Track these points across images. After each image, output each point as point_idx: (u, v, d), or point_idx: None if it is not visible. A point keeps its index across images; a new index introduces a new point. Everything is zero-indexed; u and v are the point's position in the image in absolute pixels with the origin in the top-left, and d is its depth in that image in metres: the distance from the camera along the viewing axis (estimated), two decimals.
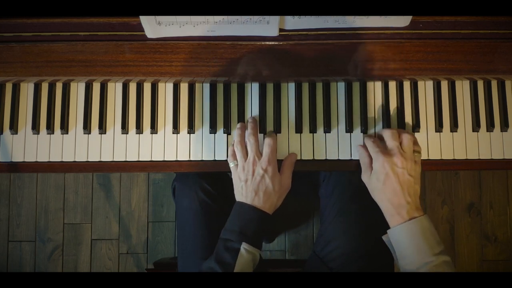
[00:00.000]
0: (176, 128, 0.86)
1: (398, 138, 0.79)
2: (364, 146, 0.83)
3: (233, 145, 0.83)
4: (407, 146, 0.78)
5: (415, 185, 0.77)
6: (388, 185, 0.76)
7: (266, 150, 0.81)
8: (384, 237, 0.79)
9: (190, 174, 0.95)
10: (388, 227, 0.77)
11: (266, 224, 0.79)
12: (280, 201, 0.83)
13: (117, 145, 0.86)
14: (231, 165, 0.83)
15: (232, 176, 0.83)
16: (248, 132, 0.82)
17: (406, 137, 0.78)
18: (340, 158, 0.85)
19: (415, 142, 0.80)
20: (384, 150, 0.78)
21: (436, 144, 0.86)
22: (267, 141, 0.81)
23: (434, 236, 0.74)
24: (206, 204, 0.92)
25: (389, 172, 0.76)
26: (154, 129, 0.86)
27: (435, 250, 0.72)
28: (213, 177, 0.94)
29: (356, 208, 0.90)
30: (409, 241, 0.74)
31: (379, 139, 0.82)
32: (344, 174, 0.93)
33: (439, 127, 0.85)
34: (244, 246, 0.76)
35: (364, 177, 0.81)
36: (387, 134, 0.79)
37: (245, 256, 0.75)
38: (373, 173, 0.78)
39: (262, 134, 0.86)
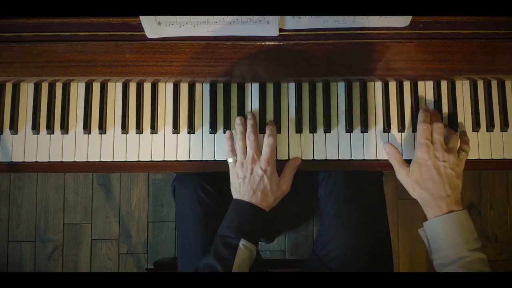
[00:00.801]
0: (176, 128, 0.86)
1: (443, 132, 0.79)
2: (390, 144, 0.83)
3: (228, 138, 0.83)
4: (452, 143, 0.79)
5: (457, 180, 0.77)
6: (428, 176, 0.76)
7: (265, 150, 0.81)
8: (419, 230, 0.79)
9: (190, 174, 0.95)
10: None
11: (263, 221, 0.80)
12: (276, 202, 0.83)
13: (117, 145, 0.86)
14: (230, 160, 0.83)
15: (230, 171, 0.83)
16: (248, 130, 0.82)
17: (453, 137, 0.80)
18: (340, 158, 0.85)
19: (465, 142, 0.82)
20: (429, 142, 0.78)
21: None
22: (268, 140, 0.81)
23: (471, 232, 0.74)
24: (206, 204, 0.92)
25: (429, 163, 0.77)
26: (154, 129, 0.86)
27: (471, 246, 0.72)
28: (213, 177, 0.94)
29: (355, 208, 0.90)
30: (445, 234, 0.73)
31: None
32: (343, 174, 0.93)
33: None
34: (242, 242, 0.76)
35: (401, 174, 0.80)
36: (434, 128, 0.80)
37: (244, 252, 0.76)
38: (414, 164, 0.79)
39: (263, 134, 0.86)
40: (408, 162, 0.81)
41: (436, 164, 0.76)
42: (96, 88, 0.87)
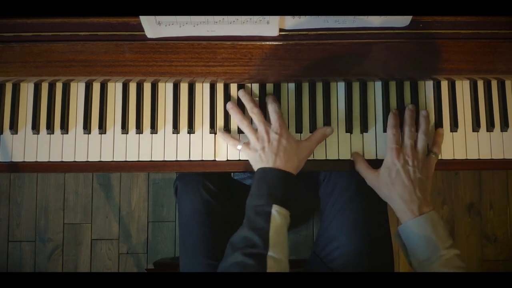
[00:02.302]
0: (176, 128, 0.86)
1: (414, 137, 0.81)
2: (356, 153, 0.84)
3: (224, 134, 0.84)
4: (421, 147, 0.80)
5: (425, 183, 0.78)
6: (399, 180, 0.78)
7: (273, 116, 0.81)
8: (393, 236, 0.80)
9: (192, 173, 0.95)
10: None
11: (292, 185, 0.79)
12: (301, 164, 0.82)
13: (117, 145, 0.86)
14: (239, 146, 0.83)
15: (246, 154, 0.83)
16: (249, 106, 0.83)
17: (421, 138, 0.81)
18: (340, 158, 0.85)
19: (437, 143, 0.83)
20: (399, 148, 0.80)
21: None
22: (272, 107, 0.81)
23: (444, 230, 0.75)
24: (208, 203, 0.92)
25: (399, 169, 0.78)
26: (154, 129, 0.86)
27: (445, 244, 0.74)
28: (215, 176, 0.94)
29: (356, 208, 0.90)
30: (420, 236, 0.75)
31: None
32: (344, 174, 0.93)
33: (439, 127, 0.85)
34: (275, 208, 0.74)
35: (371, 179, 0.82)
36: (406, 131, 0.81)
37: (278, 218, 0.74)
38: (384, 169, 0.80)
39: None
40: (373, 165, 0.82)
41: (406, 168, 0.78)
42: (96, 88, 0.87)
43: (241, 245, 0.74)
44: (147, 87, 0.87)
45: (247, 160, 0.83)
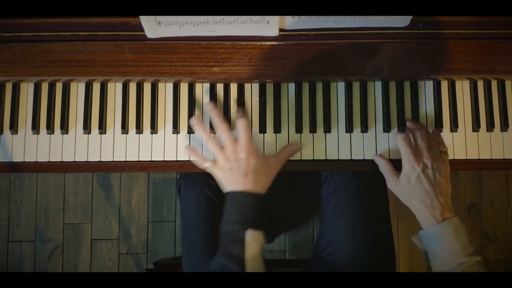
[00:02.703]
0: (176, 128, 0.86)
1: (426, 139, 0.79)
2: (380, 156, 0.83)
3: (192, 150, 0.82)
4: (435, 148, 0.79)
5: (446, 186, 0.78)
6: (420, 187, 0.76)
7: (242, 132, 0.79)
8: (413, 238, 0.79)
9: (196, 172, 0.95)
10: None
11: (262, 206, 0.78)
12: (269, 182, 0.81)
13: (117, 145, 0.86)
14: (207, 165, 0.81)
15: (214, 173, 0.81)
16: (216, 122, 0.81)
17: (435, 141, 0.79)
18: (340, 158, 0.85)
19: (442, 143, 0.81)
20: (415, 151, 0.78)
21: None
22: (241, 122, 0.79)
23: (466, 237, 0.75)
24: (212, 203, 0.92)
25: (420, 174, 0.76)
26: (154, 129, 0.86)
27: (468, 251, 0.73)
28: None
29: (357, 208, 0.90)
30: (443, 242, 0.74)
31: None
32: (345, 174, 0.93)
33: (439, 127, 0.85)
34: (249, 233, 0.75)
35: (392, 184, 0.80)
36: (417, 134, 0.79)
37: (253, 243, 0.75)
38: (403, 176, 0.78)
39: (263, 134, 0.86)
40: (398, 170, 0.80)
41: (426, 172, 0.76)
42: (96, 88, 0.87)
43: (205, 272, 0.75)
44: (147, 87, 0.87)
45: None
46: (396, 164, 0.81)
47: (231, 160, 0.78)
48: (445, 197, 0.76)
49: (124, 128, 0.86)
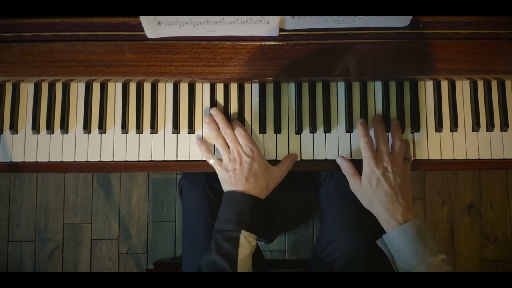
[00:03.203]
0: (176, 128, 0.86)
1: (387, 143, 0.80)
2: (342, 157, 0.83)
3: (201, 143, 0.84)
4: (397, 151, 0.79)
5: (407, 188, 0.78)
6: (381, 190, 0.77)
7: (242, 140, 0.81)
8: (378, 242, 0.79)
9: (197, 172, 0.95)
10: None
11: (260, 209, 0.80)
12: (270, 189, 0.83)
13: (117, 145, 0.86)
14: (211, 161, 0.83)
15: (217, 170, 0.83)
16: (222, 126, 0.83)
17: (397, 144, 0.80)
18: None
19: (407, 150, 0.82)
20: (376, 155, 0.79)
21: (436, 144, 0.86)
22: (239, 131, 0.82)
23: (429, 236, 0.75)
24: (213, 203, 0.92)
25: (380, 177, 0.77)
26: (154, 129, 0.86)
27: (432, 250, 0.73)
28: None
29: (357, 209, 0.90)
30: (407, 244, 0.74)
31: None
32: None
33: (439, 127, 0.85)
34: (243, 234, 0.76)
35: (354, 186, 0.81)
36: (380, 138, 0.80)
37: (246, 244, 0.76)
38: (364, 179, 0.79)
39: (263, 134, 0.86)
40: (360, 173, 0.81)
41: (386, 176, 0.77)
42: (96, 88, 0.87)
43: (209, 269, 0.75)
44: (147, 87, 0.87)
45: None
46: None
47: (236, 162, 0.80)
48: (405, 199, 0.76)
49: (124, 128, 0.86)
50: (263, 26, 0.76)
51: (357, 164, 0.81)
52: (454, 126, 0.85)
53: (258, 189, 0.80)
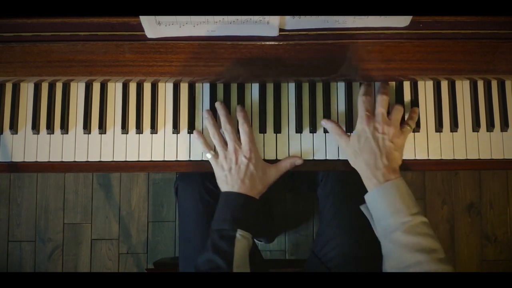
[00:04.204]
0: (176, 128, 0.86)
1: (386, 106, 0.80)
2: (327, 119, 0.84)
3: (199, 136, 0.84)
4: (394, 116, 0.80)
5: (395, 152, 0.78)
6: (367, 147, 0.77)
7: (244, 138, 0.81)
8: (361, 207, 0.80)
9: (193, 173, 0.95)
10: None
11: (255, 209, 0.80)
12: (265, 189, 0.83)
13: (117, 145, 0.86)
14: (209, 156, 0.83)
15: (213, 166, 0.83)
16: (223, 121, 0.83)
17: (395, 108, 0.81)
18: (340, 158, 0.85)
19: (412, 118, 0.83)
20: (370, 115, 0.79)
21: (436, 144, 0.86)
22: (243, 128, 0.82)
23: (410, 197, 0.75)
24: (209, 204, 0.92)
25: (369, 135, 0.78)
26: (154, 129, 0.86)
27: (412, 211, 0.73)
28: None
29: (354, 208, 0.90)
30: (385, 203, 0.74)
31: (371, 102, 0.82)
32: (342, 174, 0.93)
33: (439, 127, 0.85)
34: (239, 233, 0.77)
35: (342, 144, 0.82)
36: (378, 100, 0.81)
37: (242, 242, 0.77)
38: (353, 135, 0.80)
39: (263, 134, 0.86)
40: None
41: (375, 135, 0.77)
42: (96, 88, 0.87)
43: (206, 268, 0.76)
44: (147, 87, 0.87)
45: None
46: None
47: (232, 161, 0.80)
48: (390, 160, 0.77)
49: (124, 128, 0.86)
50: (263, 26, 0.76)
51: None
52: (454, 126, 0.85)
53: (254, 189, 0.81)
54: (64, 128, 0.86)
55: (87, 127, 0.86)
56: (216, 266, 0.75)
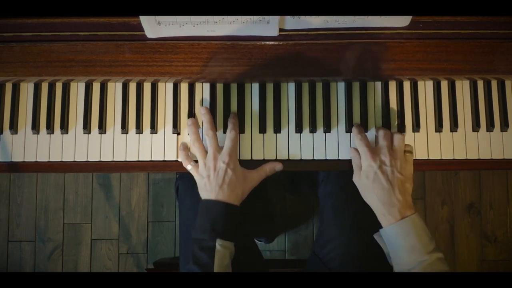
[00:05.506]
0: (176, 128, 0.86)
1: (389, 138, 0.79)
2: (354, 148, 0.83)
3: (184, 148, 0.83)
4: (397, 146, 0.79)
5: (406, 184, 0.77)
6: (377, 183, 0.76)
7: (227, 143, 0.81)
8: (375, 236, 0.79)
9: None
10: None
11: (235, 216, 0.79)
12: (245, 195, 0.82)
13: (117, 145, 0.86)
14: (189, 167, 0.82)
15: (194, 176, 0.82)
16: (205, 126, 0.82)
17: (397, 137, 0.80)
18: (340, 158, 0.85)
19: (407, 146, 0.81)
20: (372, 148, 0.79)
21: (436, 144, 0.86)
22: (230, 134, 0.81)
23: (426, 234, 0.74)
24: None
25: (377, 170, 0.77)
26: (154, 129, 0.86)
27: (428, 248, 0.73)
28: None
29: (354, 209, 0.90)
30: (402, 241, 0.74)
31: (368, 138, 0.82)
32: (343, 174, 0.93)
33: (439, 127, 0.85)
34: (218, 243, 0.76)
35: (355, 178, 0.81)
36: (379, 134, 0.80)
37: (222, 252, 0.75)
38: (362, 172, 0.79)
39: (263, 134, 0.86)
40: None
41: (383, 169, 0.76)
42: (96, 88, 0.87)
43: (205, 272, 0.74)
44: (147, 87, 0.87)
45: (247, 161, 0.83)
46: None
47: (210, 167, 0.80)
48: (403, 194, 0.76)
49: (124, 128, 0.86)
50: (263, 26, 0.76)
51: None
52: (454, 126, 0.85)
53: (233, 196, 0.79)
54: (64, 128, 0.86)
55: (87, 127, 0.86)
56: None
